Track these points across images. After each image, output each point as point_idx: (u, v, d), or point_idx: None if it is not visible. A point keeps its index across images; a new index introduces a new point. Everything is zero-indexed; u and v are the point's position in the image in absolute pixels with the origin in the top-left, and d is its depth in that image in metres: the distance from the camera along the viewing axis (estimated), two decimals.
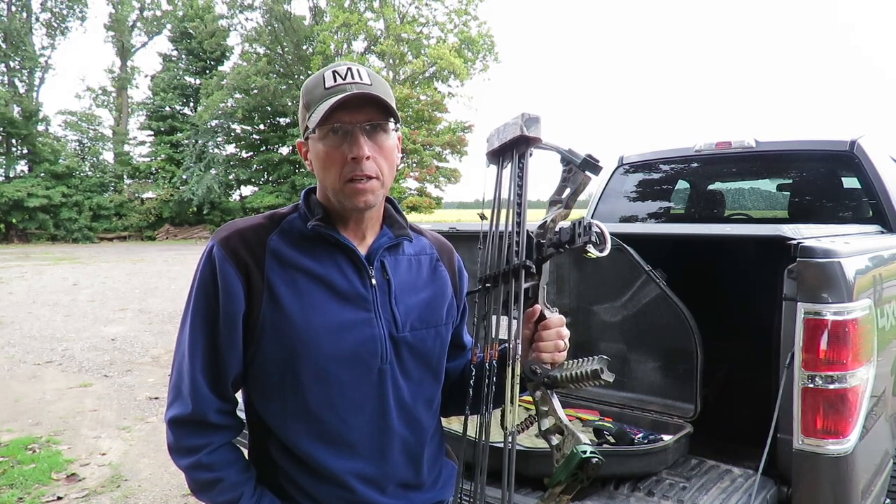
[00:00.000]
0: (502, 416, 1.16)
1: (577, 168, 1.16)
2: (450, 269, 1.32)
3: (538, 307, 1.18)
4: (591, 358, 1.15)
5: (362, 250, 1.18)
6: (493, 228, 1.20)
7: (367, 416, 1.14)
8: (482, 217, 1.28)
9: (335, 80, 1.12)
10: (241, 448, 1.21)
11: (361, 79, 1.12)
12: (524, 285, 1.14)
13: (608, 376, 1.13)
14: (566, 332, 1.20)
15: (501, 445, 1.10)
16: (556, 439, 1.14)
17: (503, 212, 1.19)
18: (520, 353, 1.11)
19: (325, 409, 1.12)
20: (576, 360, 1.17)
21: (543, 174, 1.25)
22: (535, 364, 1.17)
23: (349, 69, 1.13)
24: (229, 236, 1.12)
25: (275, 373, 1.11)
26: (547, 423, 1.17)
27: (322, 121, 1.08)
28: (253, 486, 1.14)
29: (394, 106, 1.13)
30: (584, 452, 1.06)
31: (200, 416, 1.10)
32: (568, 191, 1.20)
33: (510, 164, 1.18)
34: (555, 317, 1.18)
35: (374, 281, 1.16)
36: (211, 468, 1.11)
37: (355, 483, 1.14)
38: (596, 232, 1.11)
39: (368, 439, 1.15)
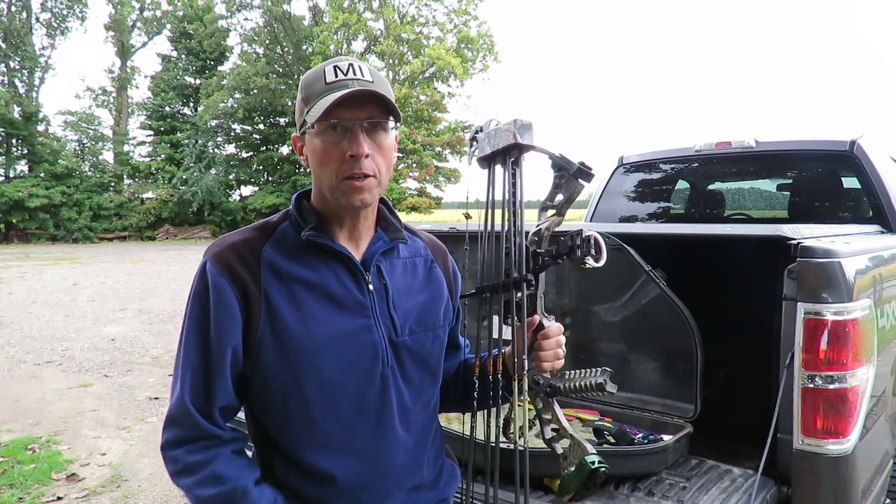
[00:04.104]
0: (506, 424, 1.18)
1: (571, 176, 1.17)
2: (444, 270, 1.32)
3: (537, 317, 1.20)
4: (593, 370, 1.17)
5: (357, 255, 1.17)
6: (487, 234, 1.21)
7: (371, 423, 1.13)
8: (467, 217, 1.29)
9: (336, 76, 1.10)
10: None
11: (363, 75, 1.11)
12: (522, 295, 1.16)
13: (611, 388, 1.16)
14: (563, 339, 1.21)
15: (510, 448, 1.12)
16: (560, 448, 1.16)
17: (497, 218, 1.20)
18: (527, 367, 1.13)
19: (331, 417, 1.11)
20: (578, 371, 1.18)
21: (535, 175, 1.25)
22: (536, 374, 1.18)
23: (350, 65, 1.11)
24: (221, 251, 1.11)
25: (278, 385, 1.09)
26: (551, 431, 1.18)
27: (322, 116, 1.06)
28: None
29: (394, 104, 1.12)
30: (593, 463, 1.09)
31: (200, 432, 1.08)
32: (560, 197, 1.21)
33: (503, 170, 1.19)
34: (553, 326, 1.20)
35: (371, 286, 1.15)
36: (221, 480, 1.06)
37: (360, 490, 1.13)
38: (594, 243, 1.12)
39: (373, 445, 1.14)
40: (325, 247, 1.14)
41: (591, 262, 1.12)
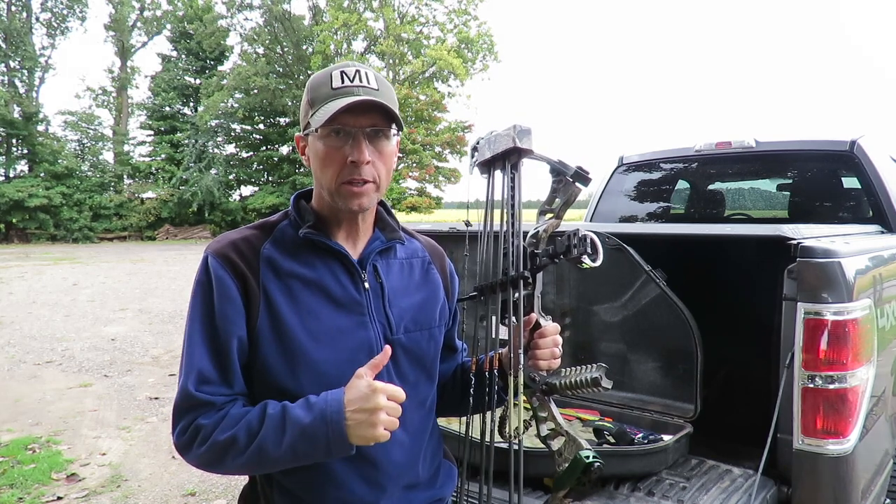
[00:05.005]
0: (502, 422, 1.18)
1: (568, 180, 1.18)
2: (441, 272, 1.34)
3: (534, 316, 1.22)
4: (589, 366, 1.18)
5: (354, 255, 1.19)
6: (487, 237, 1.23)
7: None
8: (468, 224, 1.31)
9: (343, 82, 1.12)
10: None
11: (369, 82, 1.13)
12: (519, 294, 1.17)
13: (607, 384, 1.16)
14: (560, 339, 1.23)
15: (505, 447, 1.12)
16: (556, 444, 1.17)
17: (497, 222, 1.22)
18: (522, 363, 1.14)
19: None
20: (574, 368, 1.19)
21: (532, 178, 1.27)
22: (532, 371, 1.20)
23: (357, 71, 1.13)
24: (222, 247, 1.13)
25: (274, 379, 1.11)
26: (546, 428, 1.19)
27: (326, 122, 1.08)
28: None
29: (398, 112, 1.14)
30: (588, 458, 1.10)
31: (210, 406, 1.06)
32: (558, 200, 1.24)
33: (502, 173, 1.20)
34: (550, 325, 1.22)
35: (367, 285, 1.17)
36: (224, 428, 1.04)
37: (356, 485, 1.14)
38: (590, 243, 1.13)
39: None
40: (322, 245, 1.16)
41: (587, 261, 1.14)
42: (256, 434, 1.02)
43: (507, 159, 1.19)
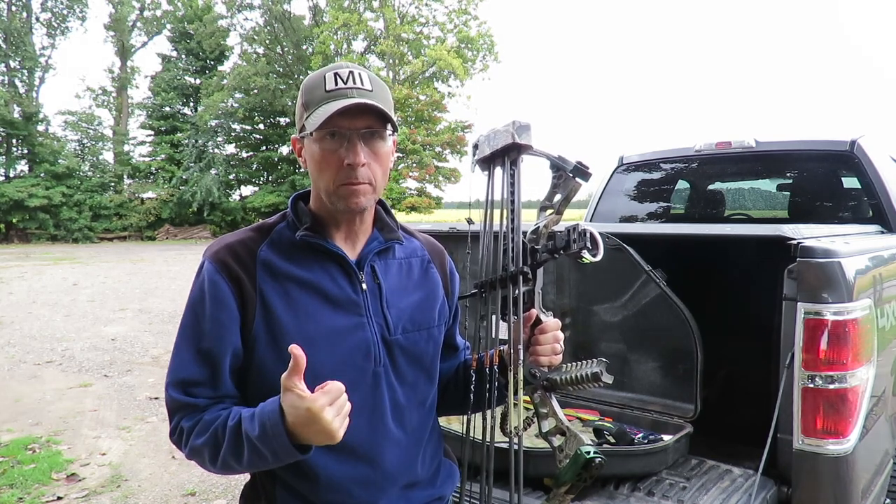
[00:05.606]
0: (503, 419, 1.18)
1: (568, 175, 1.18)
2: (441, 271, 1.33)
3: (534, 311, 1.21)
4: (589, 361, 1.18)
5: (352, 256, 1.19)
6: (487, 233, 1.22)
7: (363, 420, 1.14)
8: (469, 221, 1.30)
9: (336, 84, 1.12)
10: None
11: (363, 83, 1.12)
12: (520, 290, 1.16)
13: (607, 378, 1.15)
14: (561, 335, 1.22)
15: (506, 446, 1.12)
16: (557, 440, 1.16)
17: (497, 218, 1.21)
18: (521, 358, 1.14)
19: None
20: (575, 363, 1.19)
21: (533, 177, 1.27)
22: (533, 367, 1.19)
23: (351, 73, 1.13)
24: (219, 251, 1.14)
25: (271, 381, 1.09)
26: (547, 424, 1.19)
27: (321, 125, 1.08)
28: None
29: (392, 113, 1.14)
30: (589, 453, 1.09)
31: (194, 408, 1.10)
32: (559, 196, 1.23)
33: (501, 170, 1.20)
34: (551, 321, 1.21)
35: (364, 286, 1.18)
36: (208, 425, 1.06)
37: (353, 486, 1.14)
38: (590, 237, 1.13)
39: (365, 442, 1.15)
40: (319, 247, 1.16)
41: (587, 256, 1.13)
42: (221, 446, 1.04)
43: (506, 155, 1.19)
